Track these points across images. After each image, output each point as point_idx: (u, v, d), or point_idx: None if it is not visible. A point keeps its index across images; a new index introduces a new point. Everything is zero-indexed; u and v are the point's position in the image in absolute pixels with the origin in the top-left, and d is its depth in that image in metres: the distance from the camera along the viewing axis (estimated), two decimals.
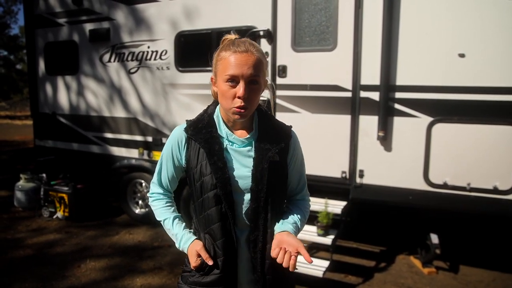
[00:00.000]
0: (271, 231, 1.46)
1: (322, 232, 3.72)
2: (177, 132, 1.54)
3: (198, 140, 1.46)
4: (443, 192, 3.57)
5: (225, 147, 1.47)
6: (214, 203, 1.43)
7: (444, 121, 3.49)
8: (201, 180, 1.45)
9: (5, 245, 4.54)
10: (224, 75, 1.38)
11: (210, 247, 1.46)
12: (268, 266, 1.45)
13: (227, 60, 1.38)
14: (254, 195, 1.44)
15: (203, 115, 1.54)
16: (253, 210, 1.44)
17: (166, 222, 1.57)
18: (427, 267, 4.03)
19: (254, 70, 1.37)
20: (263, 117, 1.54)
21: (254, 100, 1.41)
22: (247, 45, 1.40)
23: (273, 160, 1.45)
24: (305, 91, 4.00)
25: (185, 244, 1.51)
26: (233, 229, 1.44)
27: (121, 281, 3.75)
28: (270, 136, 1.49)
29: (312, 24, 3.91)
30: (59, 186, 5.45)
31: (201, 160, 1.45)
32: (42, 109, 6.11)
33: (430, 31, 3.48)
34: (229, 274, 1.46)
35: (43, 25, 5.88)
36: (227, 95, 1.39)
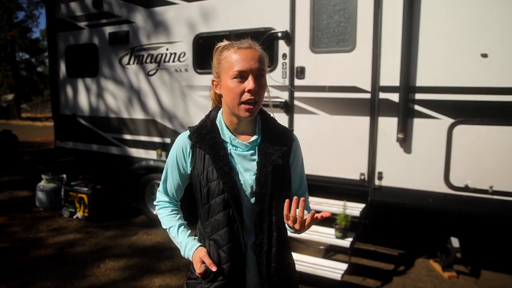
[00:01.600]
0: (277, 234, 1.47)
1: (340, 234, 3.69)
2: (181, 139, 1.55)
3: (202, 146, 1.47)
4: (464, 195, 3.50)
5: (230, 152, 1.48)
6: (222, 207, 1.44)
7: (466, 122, 3.43)
8: (207, 186, 1.46)
9: (27, 244, 4.64)
10: (232, 71, 1.39)
11: (215, 253, 1.47)
12: (274, 269, 1.47)
13: (232, 57, 1.40)
14: (259, 198, 1.45)
15: (206, 121, 1.55)
16: (258, 214, 1.45)
17: (171, 230, 1.59)
18: (447, 271, 3.96)
19: (260, 64, 1.39)
20: (265, 121, 1.56)
21: (262, 95, 1.43)
22: (249, 42, 1.43)
23: (276, 163, 1.46)
24: (324, 92, 3.98)
25: (190, 251, 1.52)
26: (241, 234, 1.45)
27: (139, 281, 3.79)
28: (273, 139, 1.51)
29: (331, 25, 3.89)
30: (79, 186, 5.54)
31: (207, 166, 1.46)
32: (63, 111, 6.22)
33: (452, 30, 3.42)
34: (236, 279, 1.47)
35: (64, 29, 5.99)
36: (236, 91, 1.39)
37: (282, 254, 1.49)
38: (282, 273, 1.50)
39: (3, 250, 4.48)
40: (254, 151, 1.49)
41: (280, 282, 1.49)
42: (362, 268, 4.11)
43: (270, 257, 1.46)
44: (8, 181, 7.98)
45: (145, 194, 5.43)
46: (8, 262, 4.14)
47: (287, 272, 1.54)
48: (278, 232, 1.47)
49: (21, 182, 7.78)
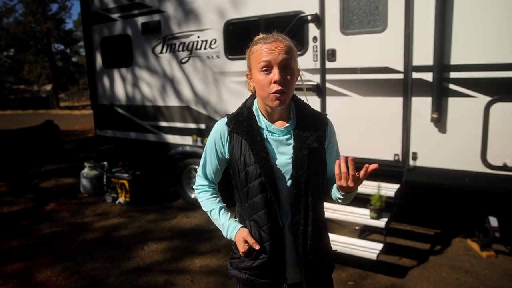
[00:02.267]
0: (313, 214, 1.54)
1: (375, 215, 3.73)
2: (219, 126, 1.62)
3: (240, 132, 1.54)
4: (503, 174, 3.45)
5: (266, 138, 1.55)
6: (260, 191, 1.52)
7: (503, 100, 3.34)
8: (245, 170, 1.53)
9: (76, 229, 4.95)
10: (258, 64, 1.47)
11: (256, 233, 1.55)
12: (310, 247, 1.54)
13: (258, 51, 1.48)
14: (295, 181, 1.51)
15: (242, 109, 1.62)
16: (294, 195, 1.52)
17: (212, 213, 1.68)
18: (485, 250, 3.93)
19: (285, 55, 1.46)
20: (299, 107, 1.62)
21: (290, 84, 1.48)
22: (275, 36, 1.50)
23: (312, 147, 1.52)
24: (355, 74, 3.96)
25: (232, 232, 1.60)
26: (279, 214, 1.52)
27: (181, 262, 3.98)
28: (308, 124, 1.57)
29: (361, 5, 3.85)
30: (119, 173, 5.80)
31: (244, 151, 1.53)
32: (101, 101, 6.48)
33: (487, 6, 3.31)
34: (276, 257, 1.55)
35: (99, 21, 6.18)
36: (263, 83, 1.47)
37: (317, 233, 1.56)
38: (317, 252, 1.56)
39: (55, 234, 4.80)
40: (290, 136, 1.55)
41: (316, 260, 1.56)
42: (397, 247, 4.14)
43: (306, 236, 1.53)
44: (53, 169, 8.43)
45: (182, 178, 5.62)
46: (61, 245, 4.44)
47: (323, 250, 1.61)
48: (314, 212, 1.54)
49: (66, 170, 8.21)
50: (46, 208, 5.79)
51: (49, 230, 4.90)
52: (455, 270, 3.66)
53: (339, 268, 3.74)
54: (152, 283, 3.59)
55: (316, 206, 1.56)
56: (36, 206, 5.91)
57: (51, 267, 3.92)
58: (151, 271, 3.81)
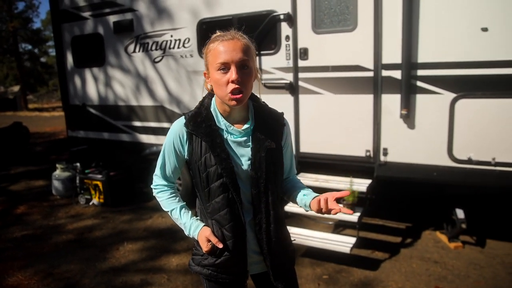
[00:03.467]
0: (274, 213, 1.59)
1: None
2: (178, 127, 1.60)
3: (199, 134, 1.54)
4: (468, 168, 3.60)
5: (225, 139, 1.56)
6: (221, 191, 1.54)
7: (468, 96, 3.50)
8: (206, 171, 1.54)
9: (48, 231, 4.84)
10: (215, 64, 1.46)
11: (219, 231, 1.57)
12: (274, 244, 1.60)
13: (215, 49, 1.46)
14: (255, 181, 1.55)
15: (200, 109, 1.60)
16: (255, 196, 1.56)
17: (173, 212, 1.68)
18: (453, 241, 4.08)
19: (243, 54, 1.45)
20: (257, 107, 1.63)
21: (247, 84, 1.48)
22: (232, 34, 1.49)
23: (270, 147, 1.56)
24: (327, 72, 4.05)
25: (195, 231, 1.62)
26: (241, 213, 1.56)
27: (157, 261, 3.97)
28: (265, 125, 1.60)
29: (332, 5, 3.94)
30: (93, 174, 5.71)
31: (204, 152, 1.53)
32: (72, 101, 6.35)
33: (452, 5, 3.45)
34: (238, 253, 1.59)
35: (69, 20, 6.07)
36: (221, 82, 1.46)
37: (279, 229, 1.62)
38: (280, 246, 1.63)
39: (27, 237, 4.69)
40: (248, 138, 1.58)
41: (280, 254, 1.63)
42: (370, 241, 4.25)
43: (270, 234, 1.59)
44: (23, 172, 8.20)
45: None
46: (33, 248, 4.34)
47: (285, 244, 1.69)
48: (274, 211, 1.59)
49: (36, 172, 8.00)
50: (16, 211, 5.64)
51: (20, 233, 4.78)
52: (424, 261, 3.80)
53: (314, 263, 3.81)
54: (128, 283, 3.56)
55: (276, 205, 1.60)
56: (5, 210, 5.75)
57: (22, 270, 3.83)
58: (127, 271, 3.79)
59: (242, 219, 1.57)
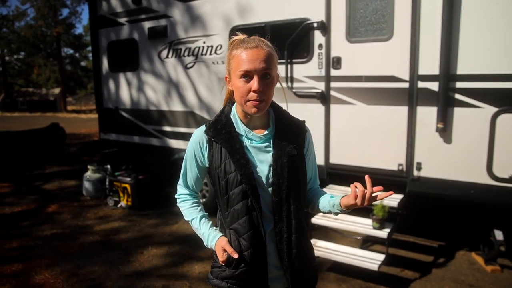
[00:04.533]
0: (295, 222, 1.52)
1: (378, 225, 3.67)
2: (198, 134, 1.59)
3: (219, 140, 1.52)
4: (509, 187, 3.39)
5: (245, 145, 1.53)
6: (241, 198, 1.49)
7: (510, 111, 3.30)
8: (226, 178, 1.50)
9: (76, 231, 4.93)
10: (238, 71, 1.44)
11: (236, 241, 1.52)
12: (295, 256, 1.52)
13: (239, 57, 1.44)
14: (276, 189, 1.50)
15: (221, 116, 1.59)
16: (276, 203, 1.50)
17: (193, 222, 1.65)
18: (490, 264, 3.85)
19: (265, 64, 1.42)
20: (278, 114, 1.60)
21: (268, 93, 1.46)
22: (256, 41, 1.46)
23: (291, 154, 1.51)
24: (360, 82, 3.94)
25: (212, 241, 1.57)
26: (261, 222, 1.50)
27: (180, 267, 3.94)
28: (287, 131, 1.56)
29: (367, 14, 3.83)
30: (122, 177, 5.79)
31: (224, 159, 1.51)
32: (106, 105, 6.49)
33: (495, 15, 3.28)
34: (258, 265, 1.52)
35: (106, 25, 6.23)
36: (242, 90, 1.44)
37: (301, 240, 1.54)
38: (302, 259, 1.55)
39: (56, 235, 4.78)
40: (269, 143, 1.55)
41: (301, 268, 1.55)
42: (400, 259, 4.07)
43: (291, 244, 1.51)
44: (57, 172, 8.44)
45: None
46: (60, 247, 4.42)
47: (307, 258, 1.60)
48: (296, 220, 1.52)
49: (69, 172, 8.21)
50: (48, 210, 5.78)
51: (50, 232, 4.89)
52: (458, 283, 3.59)
53: (340, 278, 3.68)
54: None
55: (298, 214, 1.54)
56: (38, 208, 5.91)
57: (49, 269, 3.89)
58: (149, 275, 3.78)
59: (261, 228, 1.50)
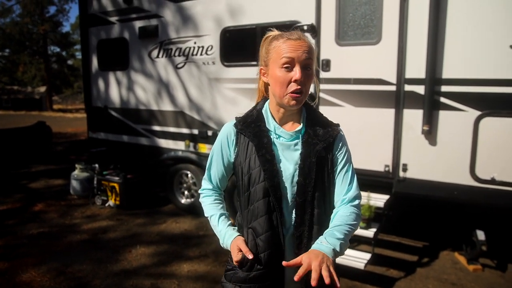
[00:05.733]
0: (317, 228, 1.44)
1: (364, 225, 3.75)
2: (227, 127, 1.57)
3: (247, 134, 1.49)
4: (491, 188, 3.49)
5: (273, 141, 1.49)
6: (262, 195, 1.44)
7: (493, 115, 3.40)
8: (249, 173, 1.46)
9: (63, 230, 4.90)
10: (280, 59, 1.41)
11: (252, 241, 1.46)
12: None
13: (281, 47, 1.42)
14: (301, 189, 1.43)
15: (252, 111, 1.57)
16: (300, 205, 1.43)
17: (212, 219, 1.59)
18: (472, 264, 3.96)
19: (308, 54, 1.41)
20: (310, 112, 1.56)
21: (308, 85, 1.43)
22: (299, 34, 1.44)
23: (320, 155, 1.45)
24: (349, 85, 4.01)
25: (228, 240, 1.50)
26: (280, 223, 1.43)
27: (169, 266, 3.96)
28: (318, 131, 1.50)
29: (356, 17, 3.91)
30: (110, 176, 5.77)
31: (250, 153, 1.47)
32: (95, 103, 6.46)
33: (480, 21, 3.39)
34: (274, 269, 1.44)
35: (96, 24, 6.20)
36: (282, 80, 1.41)
37: None
38: None
39: (42, 234, 4.75)
40: (298, 141, 1.49)
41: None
42: (385, 258, 4.15)
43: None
44: (43, 170, 8.36)
45: (173, 183, 5.61)
46: (47, 246, 4.39)
47: None
48: (319, 226, 1.44)
49: (56, 171, 8.14)
50: (34, 209, 5.73)
51: (36, 231, 4.85)
52: (441, 282, 3.68)
53: None
54: (138, 286, 3.55)
55: (322, 219, 1.45)
56: (24, 206, 5.85)
57: (36, 267, 3.87)
58: (138, 274, 3.78)
59: (280, 230, 1.43)
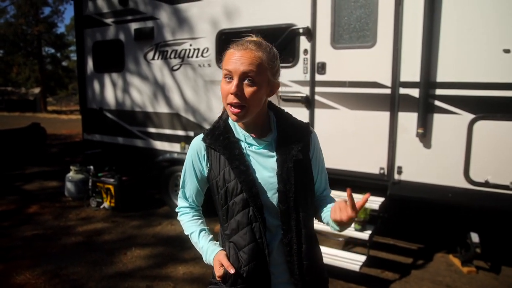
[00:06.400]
0: (305, 231, 1.42)
1: (359, 227, 3.76)
2: (196, 143, 1.51)
3: (217, 148, 1.44)
4: (485, 190, 3.52)
5: (245, 151, 1.44)
6: (241, 207, 1.39)
7: (487, 118, 3.43)
8: (225, 186, 1.41)
9: (58, 232, 4.88)
10: (223, 70, 1.38)
11: (234, 256, 1.42)
12: (307, 268, 1.41)
13: (226, 56, 1.39)
14: (283, 196, 1.39)
15: (219, 122, 1.51)
16: (284, 212, 1.40)
17: (193, 236, 1.55)
18: (466, 266, 3.98)
19: (248, 67, 1.33)
20: (280, 117, 1.52)
21: (250, 99, 1.35)
22: (248, 44, 1.37)
23: (297, 158, 1.42)
24: (344, 87, 4.03)
25: (210, 256, 1.47)
26: (263, 233, 1.39)
27: (164, 268, 3.95)
28: (290, 134, 1.46)
29: (352, 21, 3.94)
30: (105, 178, 5.75)
31: (223, 167, 1.43)
32: (90, 105, 6.44)
33: (473, 26, 3.42)
34: (259, 281, 1.41)
35: (92, 25, 6.19)
36: (223, 91, 1.38)
37: (312, 251, 1.45)
38: (314, 271, 1.45)
39: (37, 236, 4.72)
40: (271, 148, 1.45)
41: (313, 281, 1.44)
42: (380, 261, 4.17)
43: (301, 256, 1.41)
44: (38, 172, 8.31)
45: (168, 185, 5.60)
46: (42, 248, 4.37)
47: (319, 269, 1.49)
48: (306, 229, 1.42)
49: (50, 173, 8.10)
50: (29, 211, 5.70)
51: (31, 233, 4.82)
52: (436, 284, 3.70)
53: None
54: None
55: (308, 222, 1.44)
56: (18, 208, 5.82)
57: (30, 269, 3.85)
58: (133, 276, 3.77)
59: (263, 240, 1.39)
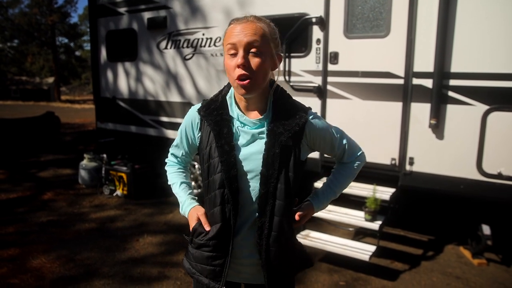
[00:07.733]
0: (278, 219, 1.41)
1: (370, 217, 3.77)
2: (192, 112, 1.53)
3: (208, 121, 1.43)
4: (497, 182, 3.49)
5: (236, 129, 1.43)
6: (218, 186, 1.40)
7: (501, 109, 3.39)
8: (208, 162, 1.43)
9: (72, 218, 4.98)
10: (225, 46, 1.35)
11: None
12: (274, 254, 1.42)
13: (227, 32, 1.36)
14: (264, 179, 1.38)
15: (218, 96, 1.51)
16: (262, 196, 1.39)
17: (174, 186, 1.61)
18: (477, 258, 3.97)
19: (252, 37, 1.31)
20: (279, 98, 1.46)
21: (257, 71, 1.32)
22: (247, 17, 1.36)
23: (285, 144, 1.38)
24: (357, 77, 4.01)
25: (187, 208, 1.52)
26: (232, 216, 1.40)
27: (175, 255, 4.01)
28: (285, 118, 1.41)
29: (365, 10, 3.90)
30: (118, 166, 5.83)
31: (211, 142, 1.42)
32: (103, 94, 6.51)
33: (490, 15, 3.36)
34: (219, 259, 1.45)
35: (105, 14, 6.23)
36: (229, 67, 1.34)
37: (281, 239, 1.43)
38: (281, 257, 1.45)
39: (51, 222, 4.83)
40: (263, 130, 1.41)
41: (280, 265, 1.46)
42: (390, 251, 4.17)
43: (269, 241, 1.41)
44: (52, 160, 8.46)
45: None
46: (56, 234, 4.47)
47: (287, 256, 1.49)
48: (280, 217, 1.41)
49: (64, 161, 8.24)
50: (43, 197, 5.81)
51: (46, 219, 4.93)
52: (446, 275, 3.70)
53: (332, 269, 3.77)
54: (145, 274, 3.61)
55: (284, 210, 1.41)
56: (33, 195, 5.94)
57: (46, 254, 3.95)
58: (145, 262, 3.84)
59: (232, 222, 1.40)
